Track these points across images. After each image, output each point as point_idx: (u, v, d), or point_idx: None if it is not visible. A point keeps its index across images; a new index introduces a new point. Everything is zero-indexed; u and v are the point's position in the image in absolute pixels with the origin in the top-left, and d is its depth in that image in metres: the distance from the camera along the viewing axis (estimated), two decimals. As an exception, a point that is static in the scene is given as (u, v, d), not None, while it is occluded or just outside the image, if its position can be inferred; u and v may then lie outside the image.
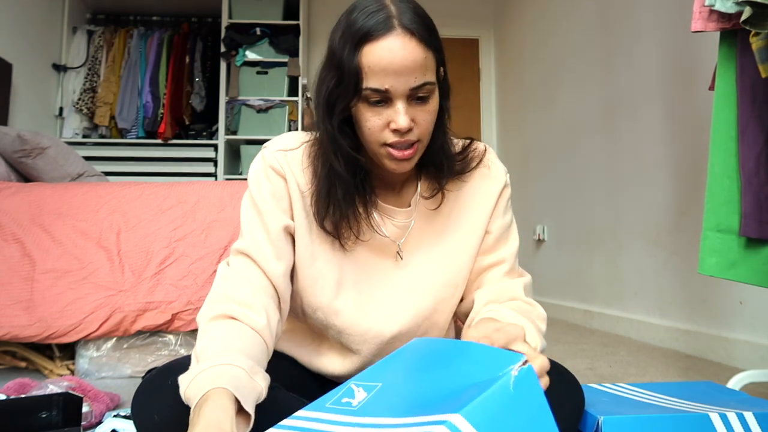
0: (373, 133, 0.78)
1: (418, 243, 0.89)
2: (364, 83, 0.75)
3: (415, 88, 0.76)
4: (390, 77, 0.74)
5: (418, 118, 0.78)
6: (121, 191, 1.89)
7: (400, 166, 0.80)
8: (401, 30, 0.75)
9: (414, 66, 0.75)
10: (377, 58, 0.74)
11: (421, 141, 0.80)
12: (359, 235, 0.85)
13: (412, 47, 0.75)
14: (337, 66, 0.77)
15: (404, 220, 0.88)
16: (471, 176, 0.91)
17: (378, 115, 0.77)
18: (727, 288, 1.96)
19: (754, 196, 1.29)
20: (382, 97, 0.76)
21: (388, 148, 0.78)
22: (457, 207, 0.90)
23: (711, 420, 0.84)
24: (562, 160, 3.37)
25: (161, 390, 0.74)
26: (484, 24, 4.72)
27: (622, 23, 2.71)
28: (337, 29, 0.78)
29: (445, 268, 0.89)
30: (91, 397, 1.24)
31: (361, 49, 0.74)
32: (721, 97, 1.37)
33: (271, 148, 0.87)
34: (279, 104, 3.99)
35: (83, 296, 1.68)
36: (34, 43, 3.65)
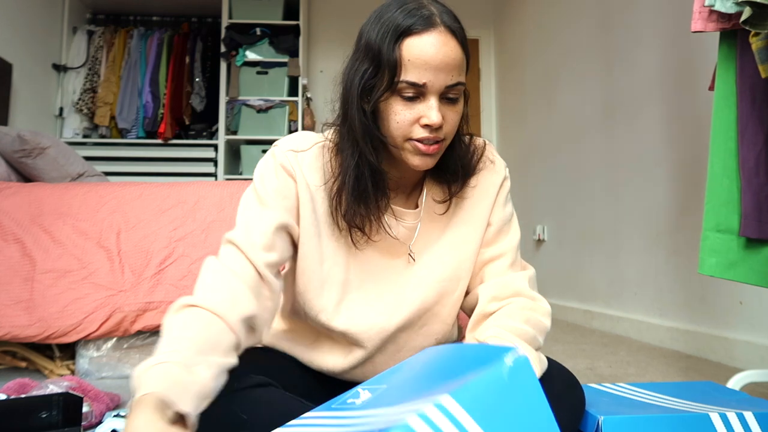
0: (401, 126, 0.78)
1: (426, 242, 0.89)
2: (402, 75, 0.76)
3: (449, 86, 0.77)
4: (429, 72, 0.76)
5: (447, 117, 0.79)
6: (121, 191, 1.89)
7: (424, 162, 0.80)
8: (444, 27, 0.77)
9: (453, 64, 0.77)
10: (419, 51, 0.75)
11: (445, 140, 0.81)
12: (371, 234, 0.85)
13: (453, 45, 0.77)
14: (374, 57, 0.77)
15: (413, 221, 0.89)
16: (476, 176, 0.92)
17: (410, 109, 0.78)
18: (727, 288, 1.96)
19: (754, 196, 1.29)
20: (417, 91, 0.77)
21: (415, 143, 0.79)
22: (462, 203, 0.91)
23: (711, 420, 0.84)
24: (562, 160, 3.37)
25: None
26: (484, 24, 4.72)
27: (622, 23, 2.71)
28: (373, 24, 0.79)
29: (449, 263, 0.89)
30: (91, 397, 1.24)
31: (403, 42, 0.76)
32: (721, 97, 1.37)
33: (282, 147, 0.86)
34: (279, 104, 3.99)
35: (83, 296, 1.68)
36: (34, 43, 3.65)
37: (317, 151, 0.86)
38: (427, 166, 0.81)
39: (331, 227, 0.85)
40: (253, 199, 0.85)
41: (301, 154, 0.86)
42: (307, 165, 0.85)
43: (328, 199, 0.84)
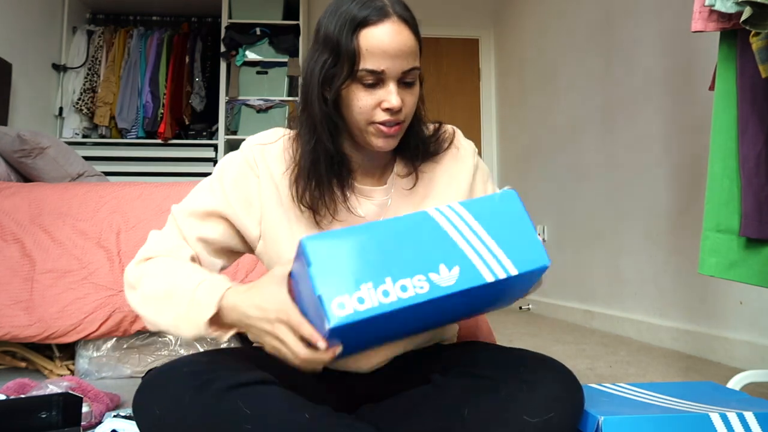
0: (363, 111, 0.83)
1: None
2: (361, 64, 0.81)
3: (406, 72, 0.83)
4: (386, 60, 0.81)
5: (405, 100, 0.84)
6: (121, 191, 1.89)
7: (387, 143, 0.86)
8: (397, 17, 0.82)
9: (408, 51, 0.83)
10: (376, 41, 0.81)
11: (405, 121, 0.87)
12: (335, 214, 0.90)
13: (406, 34, 0.83)
14: (333, 48, 0.82)
15: (382, 198, 0.94)
16: (443, 157, 0.98)
17: (370, 95, 0.83)
18: (727, 288, 1.96)
19: (754, 197, 1.29)
20: (376, 78, 0.82)
21: (378, 126, 0.84)
22: (431, 186, 0.96)
23: (711, 420, 0.84)
24: (562, 159, 3.37)
25: (162, 385, 0.75)
26: (484, 24, 4.72)
27: (622, 23, 2.71)
28: (329, 17, 0.84)
29: None
30: (91, 397, 1.24)
31: (360, 32, 0.81)
32: (721, 97, 1.37)
33: (250, 143, 0.95)
34: (279, 104, 3.99)
35: (83, 296, 1.68)
36: (34, 43, 3.65)
37: (284, 142, 0.93)
38: (390, 147, 0.87)
39: (296, 211, 0.90)
40: (207, 182, 0.94)
41: (268, 147, 0.93)
42: (272, 156, 0.92)
43: (288, 184, 0.90)
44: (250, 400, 0.74)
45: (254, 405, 0.74)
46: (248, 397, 0.74)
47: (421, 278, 0.65)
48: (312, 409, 0.76)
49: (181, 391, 0.73)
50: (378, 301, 0.63)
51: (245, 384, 0.75)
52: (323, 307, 0.62)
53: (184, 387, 0.74)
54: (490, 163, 4.56)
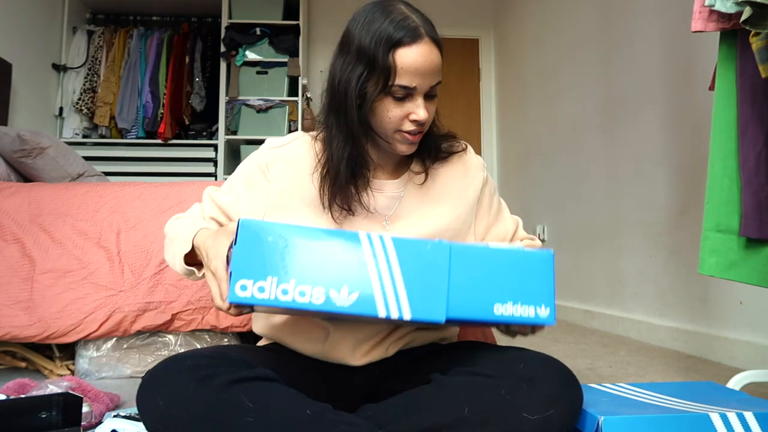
0: (393, 122, 0.92)
1: (403, 214, 1.01)
2: (396, 80, 0.89)
3: (432, 87, 0.92)
4: (418, 77, 0.89)
5: (429, 111, 0.94)
6: (121, 191, 1.89)
7: (410, 149, 0.96)
8: (428, 38, 0.90)
9: (436, 69, 0.92)
10: (411, 61, 0.88)
11: (425, 128, 0.96)
12: (354, 211, 0.97)
13: (435, 54, 0.91)
14: (368, 62, 0.89)
15: (394, 191, 1.01)
16: (454, 164, 1.06)
17: (400, 107, 0.91)
18: (727, 288, 1.96)
19: (754, 196, 1.29)
20: (407, 93, 0.90)
21: (404, 134, 0.93)
22: (443, 188, 1.04)
23: (711, 420, 0.84)
24: (562, 159, 3.37)
25: (166, 377, 0.76)
26: (484, 24, 4.72)
27: (622, 23, 2.71)
28: (363, 29, 0.91)
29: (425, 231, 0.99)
30: (91, 397, 1.24)
31: (395, 52, 0.88)
32: (721, 97, 1.37)
33: (266, 146, 1.03)
34: (279, 104, 3.99)
35: (83, 296, 1.68)
36: (34, 43, 3.65)
37: (296, 144, 1.02)
38: (411, 151, 0.97)
39: (310, 207, 0.97)
40: (230, 177, 1.05)
41: (282, 148, 1.02)
42: (286, 156, 1.00)
43: (315, 182, 0.97)
44: (253, 394, 0.75)
45: (256, 399, 0.75)
46: (250, 391, 0.75)
47: (321, 290, 0.72)
48: (313, 405, 0.77)
49: (185, 383, 0.74)
50: (275, 295, 0.71)
51: (248, 379, 0.77)
52: (230, 282, 0.72)
53: (187, 380, 0.75)
54: (490, 163, 4.56)
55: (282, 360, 0.93)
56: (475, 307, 0.76)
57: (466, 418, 0.77)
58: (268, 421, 0.73)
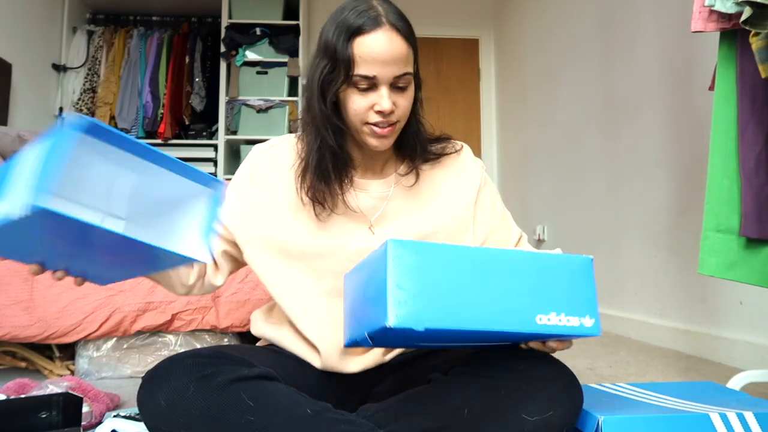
0: (358, 113, 0.89)
1: (390, 215, 0.98)
2: (354, 70, 0.86)
3: (397, 77, 0.88)
4: (377, 66, 0.86)
5: (398, 103, 0.90)
6: (121, 191, 1.89)
7: (381, 143, 0.92)
8: (389, 26, 0.87)
9: (399, 57, 0.87)
10: (368, 49, 0.86)
11: (399, 122, 0.92)
12: (333, 208, 0.95)
13: (398, 42, 0.87)
14: (331, 55, 0.88)
15: (380, 190, 0.99)
16: (447, 165, 1.03)
17: (364, 98, 0.89)
18: (727, 288, 1.96)
19: (754, 196, 1.29)
20: (369, 83, 0.87)
21: (372, 126, 0.90)
22: (434, 190, 1.01)
23: (711, 420, 0.84)
24: (562, 160, 3.37)
25: (167, 376, 0.76)
26: (484, 24, 4.72)
27: (622, 23, 2.71)
28: (329, 25, 0.90)
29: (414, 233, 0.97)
30: (91, 397, 1.24)
31: (354, 41, 0.86)
32: (721, 97, 1.37)
33: (254, 150, 1.03)
34: (279, 104, 3.99)
35: (83, 296, 1.68)
36: (34, 43, 3.65)
37: (282, 147, 1.02)
38: (384, 147, 0.93)
39: (295, 206, 0.96)
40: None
41: (267, 152, 1.02)
42: (272, 159, 1.00)
43: (294, 179, 0.96)
44: (253, 393, 0.75)
45: (257, 398, 0.75)
46: (251, 390, 0.75)
47: None
48: (314, 405, 0.77)
49: (185, 383, 0.75)
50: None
51: (248, 378, 0.77)
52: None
53: (188, 379, 0.75)
54: (490, 163, 4.56)
55: (282, 359, 0.93)
56: (515, 317, 0.68)
57: (466, 419, 0.77)
58: (269, 420, 0.73)
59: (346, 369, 0.94)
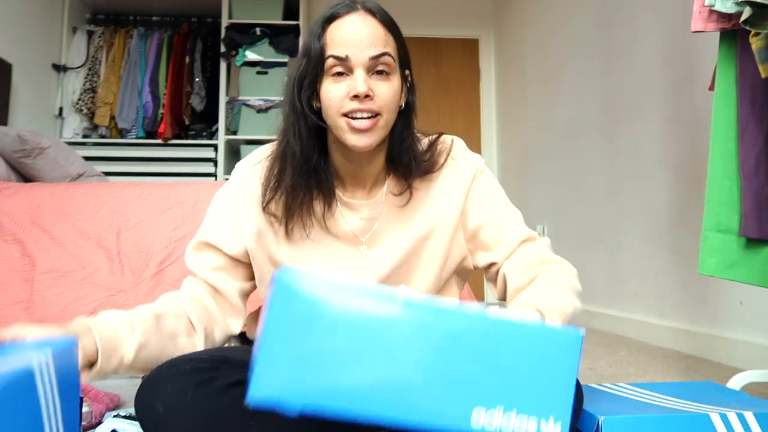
0: (333, 103, 0.82)
1: (383, 236, 0.92)
2: (327, 53, 0.81)
3: (374, 57, 0.81)
4: (350, 46, 0.81)
5: (377, 90, 0.82)
6: (121, 191, 1.89)
7: (360, 140, 0.82)
8: (363, 10, 0.83)
9: (374, 37, 0.82)
10: (339, 30, 0.82)
11: (381, 116, 0.83)
12: (309, 233, 0.89)
13: (372, 23, 0.83)
14: (306, 50, 0.84)
15: (370, 212, 0.91)
16: (439, 172, 0.94)
17: (339, 84, 0.82)
18: (727, 288, 1.96)
19: (754, 196, 1.29)
20: (343, 66, 0.81)
21: (349, 119, 0.81)
22: (425, 203, 0.93)
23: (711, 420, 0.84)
24: (562, 160, 3.37)
25: (165, 381, 0.75)
26: (484, 24, 4.72)
27: (622, 23, 2.71)
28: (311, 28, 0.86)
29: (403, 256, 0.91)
30: (91, 397, 1.24)
31: (327, 28, 0.83)
32: (721, 97, 1.37)
33: (236, 170, 0.96)
34: (279, 104, 3.97)
35: (83, 296, 1.68)
36: (34, 43, 3.65)
37: (265, 164, 0.92)
38: (365, 145, 0.83)
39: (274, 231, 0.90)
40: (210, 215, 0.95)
41: (250, 171, 0.94)
42: (255, 178, 0.92)
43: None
44: None
45: None
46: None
47: None
48: None
49: (183, 388, 0.73)
50: None
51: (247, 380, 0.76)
52: None
53: (186, 384, 0.74)
54: (490, 163, 4.56)
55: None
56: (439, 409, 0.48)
57: None
58: (269, 424, 0.73)
59: None
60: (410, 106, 0.90)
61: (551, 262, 0.89)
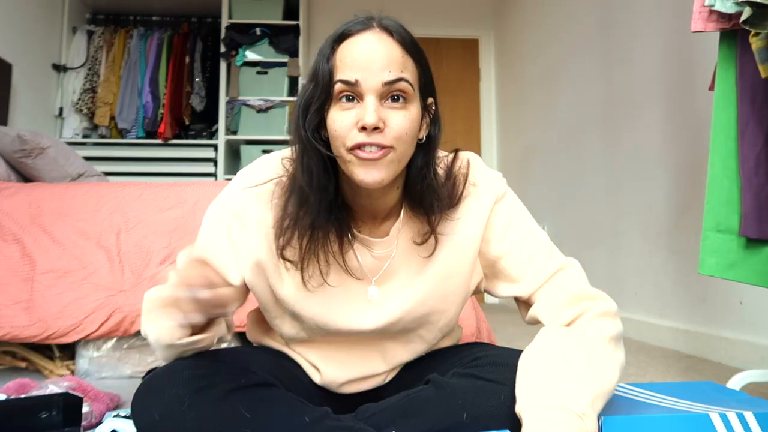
0: (340, 134, 0.72)
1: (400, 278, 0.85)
2: (335, 77, 0.73)
3: (388, 83, 0.72)
4: (360, 69, 0.71)
5: (390, 121, 0.72)
6: (121, 191, 1.89)
7: (369, 174, 0.72)
8: (379, 28, 0.74)
9: (388, 60, 0.72)
10: (349, 50, 0.73)
11: (394, 149, 0.73)
12: (327, 277, 0.81)
13: (387, 43, 0.73)
14: (314, 73, 0.75)
15: (382, 250, 0.83)
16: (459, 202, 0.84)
17: (347, 113, 0.72)
18: (727, 288, 1.96)
19: (754, 196, 1.29)
20: (352, 91, 0.72)
21: (357, 151, 0.72)
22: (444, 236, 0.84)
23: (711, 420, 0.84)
24: (562, 160, 3.37)
25: (161, 388, 0.74)
26: (484, 24, 4.72)
27: (622, 23, 2.71)
28: (322, 44, 0.77)
29: (429, 302, 0.86)
30: (91, 397, 1.24)
31: (338, 47, 0.74)
32: (721, 97, 1.37)
33: (237, 187, 0.84)
34: (279, 104, 3.99)
35: (83, 296, 1.68)
36: (34, 43, 3.65)
37: (272, 187, 0.82)
38: (374, 181, 0.73)
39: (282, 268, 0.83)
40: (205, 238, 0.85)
41: (258, 190, 0.82)
42: (263, 201, 0.82)
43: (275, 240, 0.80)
44: (250, 404, 0.74)
45: (254, 409, 0.73)
46: (248, 401, 0.74)
47: None
48: (312, 412, 0.76)
49: (180, 395, 0.73)
50: None
51: (245, 387, 0.75)
52: None
53: (183, 391, 0.73)
54: (490, 163, 4.56)
55: (281, 361, 0.92)
56: None
57: (465, 424, 0.77)
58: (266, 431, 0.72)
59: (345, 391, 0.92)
60: (432, 139, 0.79)
61: (587, 299, 0.80)
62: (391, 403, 0.83)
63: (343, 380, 0.90)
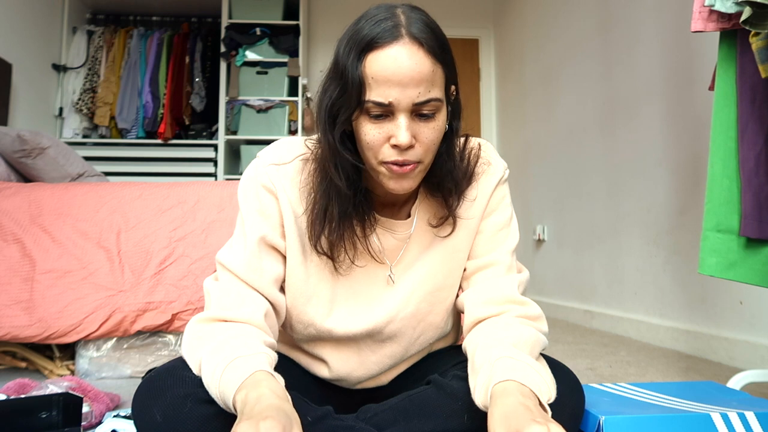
0: (372, 147, 0.74)
1: (413, 255, 0.87)
2: (366, 95, 0.72)
3: (419, 104, 0.72)
4: (394, 89, 0.71)
5: (420, 136, 0.74)
6: (121, 191, 1.89)
7: (400, 185, 0.76)
8: (409, 39, 0.72)
9: (420, 78, 0.71)
10: (381, 68, 0.71)
11: (422, 162, 0.76)
12: (354, 259, 0.83)
13: (419, 58, 0.72)
14: (340, 76, 0.74)
15: (404, 232, 0.86)
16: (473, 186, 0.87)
17: (379, 128, 0.73)
18: (727, 288, 1.96)
19: (754, 196, 1.29)
20: (384, 110, 0.72)
21: (388, 165, 0.74)
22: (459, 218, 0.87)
23: (712, 420, 0.84)
24: (562, 160, 3.37)
25: (163, 389, 0.74)
26: (484, 24, 4.72)
27: (622, 23, 2.71)
28: (343, 38, 0.75)
29: (438, 274, 0.88)
30: (91, 397, 1.24)
31: (366, 58, 0.72)
32: (721, 97, 1.37)
33: (264, 161, 0.83)
34: (279, 104, 3.99)
35: (83, 296, 1.68)
36: (34, 43, 3.65)
37: (299, 164, 0.83)
38: (405, 190, 0.77)
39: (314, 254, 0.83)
40: (240, 221, 0.83)
41: (283, 168, 0.82)
42: (288, 180, 0.82)
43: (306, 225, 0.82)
44: None
45: None
46: None
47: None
48: (314, 411, 0.76)
49: (182, 397, 0.72)
50: None
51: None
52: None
53: (185, 392, 0.73)
54: (490, 163, 4.55)
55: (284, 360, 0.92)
56: None
57: (466, 422, 0.77)
58: None
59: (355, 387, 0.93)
60: (454, 130, 0.81)
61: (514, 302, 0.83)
62: (393, 403, 0.83)
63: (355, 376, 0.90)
